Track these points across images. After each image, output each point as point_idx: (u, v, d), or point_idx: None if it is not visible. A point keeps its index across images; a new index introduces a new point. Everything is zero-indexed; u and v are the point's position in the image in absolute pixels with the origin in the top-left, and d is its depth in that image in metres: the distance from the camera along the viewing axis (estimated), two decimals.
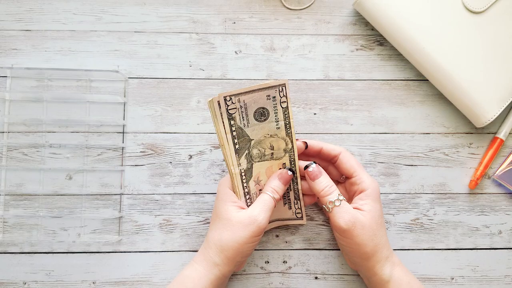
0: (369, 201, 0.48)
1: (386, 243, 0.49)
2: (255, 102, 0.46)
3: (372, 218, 0.48)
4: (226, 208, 0.48)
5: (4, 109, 0.56)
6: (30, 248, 0.55)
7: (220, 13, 0.58)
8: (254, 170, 0.49)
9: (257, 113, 0.47)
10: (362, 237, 0.47)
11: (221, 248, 0.47)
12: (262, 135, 0.48)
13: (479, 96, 0.54)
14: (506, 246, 0.56)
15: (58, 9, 0.57)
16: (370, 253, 0.48)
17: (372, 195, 0.49)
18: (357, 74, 0.58)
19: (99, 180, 0.56)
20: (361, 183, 0.49)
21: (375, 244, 0.47)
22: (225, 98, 0.45)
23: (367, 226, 0.47)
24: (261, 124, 0.47)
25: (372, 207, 0.48)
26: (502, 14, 0.54)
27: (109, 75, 0.57)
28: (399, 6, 0.54)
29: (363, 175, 0.50)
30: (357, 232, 0.47)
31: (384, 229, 0.49)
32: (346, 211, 0.47)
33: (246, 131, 0.47)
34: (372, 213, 0.48)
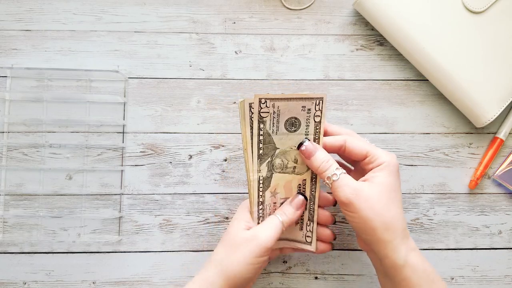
0: (382, 174, 0.44)
1: (400, 222, 0.43)
2: (289, 111, 0.44)
3: (381, 191, 0.43)
4: (236, 228, 0.46)
5: (4, 109, 0.56)
6: (30, 248, 0.55)
7: (220, 13, 0.58)
8: (273, 181, 0.47)
9: (288, 122, 0.45)
10: (367, 210, 0.42)
11: (221, 267, 0.45)
12: (288, 146, 0.46)
13: (479, 96, 0.54)
14: (506, 246, 0.56)
15: (58, 9, 0.57)
16: (379, 230, 0.43)
17: (386, 168, 0.44)
18: (357, 74, 0.58)
19: (99, 180, 0.56)
20: (376, 159, 0.45)
21: (385, 221, 0.43)
22: (260, 100, 0.43)
23: (374, 198, 0.43)
24: (290, 135, 0.46)
25: (384, 180, 0.44)
26: (502, 14, 0.54)
27: (109, 75, 0.57)
28: (399, 6, 0.54)
29: (377, 151, 0.45)
30: (360, 205, 0.43)
31: (399, 206, 0.44)
32: (346, 184, 0.44)
33: (273, 138, 0.45)
34: (383, 186, 0.43)
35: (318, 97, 0.45)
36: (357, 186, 0.43)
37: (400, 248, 0.43)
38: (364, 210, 0.43)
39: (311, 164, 0.46)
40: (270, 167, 0.47)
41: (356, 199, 0.43)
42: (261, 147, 0.45)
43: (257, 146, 0.45)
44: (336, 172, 0.44)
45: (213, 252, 0.47)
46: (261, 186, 0.47)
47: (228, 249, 0.45)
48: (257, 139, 0.45)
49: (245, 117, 0.44)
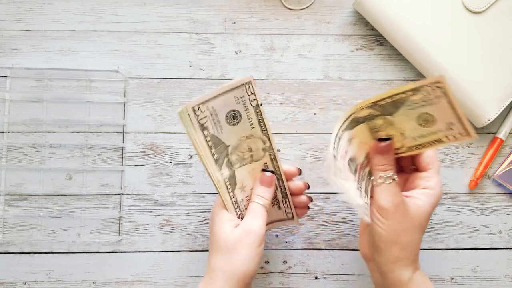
0: (426, 199, 0.44)
1: (418, 247, 0.45)
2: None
3: (419, 214, 0.44)
4: (225, 230, 0.45)
5: (4, 109, 0.56)
6: (30, 248, 0.55)
7: (220, 13, 0.58)
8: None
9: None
10: (400, 225, 0.43)
11: (228, 273, 0.44)
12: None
13: (479, 96, 0.54)
14: (506, 246, 0.56)
15: (58, 9, 0.57)
16: (398, 246, 0.44)
17: (432, 197, 0.44)
18: (357, 74, 0.58)
19: (99, 180, 0.56)
20: (429, 181, 0.45)
21: (408, 240, 0.44)
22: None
23: (410, 218, 0.43)
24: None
25: (425, 207, 0.44)
26: (502, 14, 0.54)
27: (109, 75, 0.57)
28: (399, 6, 0.54)
29: (437, 176, 0.45)
30: (396, 218, 0.43)
31: (422, 234, 0.45)
32: (395, 192, 0.44)
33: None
34: (422, 211, 0.44)
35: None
36: (402, 199, 0.44)
37: (408, 267, 0.44)
38: (396, 223, 0.43)
39: (375, 159, 0.45)
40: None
41: (396, 209, 0.43)
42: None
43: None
44: (394, 177, 0.45)
45: (211, 262, 0.46)
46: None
47: (227, 254, 0.45)
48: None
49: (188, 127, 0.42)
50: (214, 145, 0.44)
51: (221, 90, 0.42)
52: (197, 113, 0.42)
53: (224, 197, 0.46)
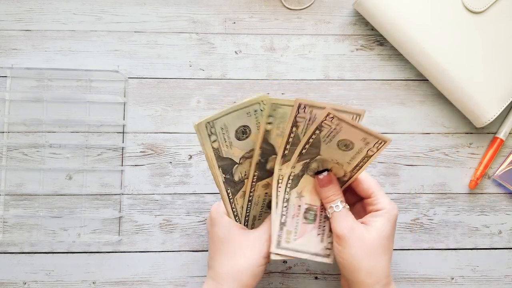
0: (380, 220, 0.45)
1: (385, 269, 0.45)
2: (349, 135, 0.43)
3: (376, 236, 0.44)
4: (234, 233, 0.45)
5: (4, 109, 0.56)
6: (30, 248, 0.55)
7: (220, 13, 0.58)
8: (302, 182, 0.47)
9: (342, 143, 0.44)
10: (357, 249, 0.43)
11: (237, 277, 0.44)
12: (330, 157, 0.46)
13: (479, 96, 0.54)
14: (506, 246, 0.56)
15: (58, 9, 0.57)
16: (363, 272, 0.44)
17: (385, 216, 0.45)
18: (357, 74, 0.58)
19: (99, 180, 0.56)
20: (377, 204, 0.46)
21: (372, 265, 0.44)
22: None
23: (367, 241, 0.44)
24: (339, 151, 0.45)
25: (380, 226, 0.44)
26: (502, 14, 0.54)
27: (109, 75, 0.57)
28: (399, 6, 0.54)
29: (382, 196, 0.46)
30: (352, 243, 0.44)
31: (388, 255, 0.45)
32: (345, 218, 0.45)
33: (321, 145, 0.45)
34: (378, 232, 0.44)
35: (382, 140, 0.43)
36: (354, 224, 0.45)
37: None
38: (354, 248, 0.44)
39: (321, 193, 0.46)
40: (305, 167, 0.46)
41: (349, 235, 0.44)
42: (306, 147, 0.44)
43: (303, 146, 0.44)
44: (339, 204, 0.45)
45: (216, 266, 0.46)
46: (290, 183, 0.46)
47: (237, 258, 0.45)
48: (308, 137, 0.44)
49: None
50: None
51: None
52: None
53: (227, 207, 0.46)
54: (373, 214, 0.46)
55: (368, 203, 0.47)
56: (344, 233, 0.44)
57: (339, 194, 0.46)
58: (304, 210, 0.47)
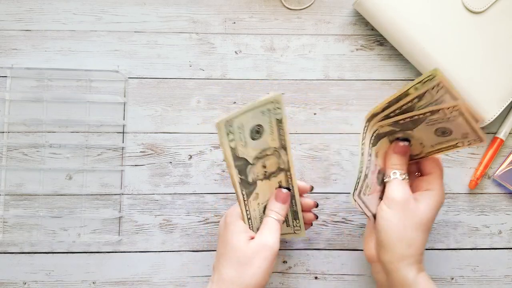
0: (432, 200, 0.46)
1: (423, 246, 0.46)
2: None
3: (425, 212, 0.45)
4: (240, 240, 0.45)
5: (4, 109, 0.56)
6: (30, 248, 0.55)
7: (220, 13, 0.58)
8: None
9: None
10: (407, 218, 0.45)
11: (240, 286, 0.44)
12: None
13: (479, 96, 0.54)
14: (506, 246, 0.56)
15: (58, 9, 0.57)
16: (405, 242, 0.45)
17: (434, 197, 0.46)
18: (357, 74, 0.58)
19: (99, 180, 0.56)
20: (431, 184, 0.47)
21: (414, 238, 0.45)
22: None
23: (417, 214, 0.45)
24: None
25: (430, 207, 0.46)
26: (502, 14, 0.54)
27: (109, 75, 0.57)
28: (399, 6, 0.54)
29: (440, 179, 0.47)
30: (404, 210, 0.45)
31: (427, 235, 0.46)
32: (404, 186, 0.46)
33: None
34: (427, 210, 0.45)
35: (481, 139, 0.44)
36: (410, 196, 0.46)
37: (413, 266, 0.45)
38: (403, 216, 0.45)
39: (391, 158, 0.48)
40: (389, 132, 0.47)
41: (404, 203, 0.45)
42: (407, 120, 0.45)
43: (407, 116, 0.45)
44: (401, 174, 0.47)
45: (221, 272, 0.45)
46: (373, 140, 0.47)
47: (241, 266, 0.45)
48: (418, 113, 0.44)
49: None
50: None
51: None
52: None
53: (242, 208, 0.46)
54: (423, 193, 0.47)
55: (424, 179, 0.48)
56: (400, 200, 0.45)
57: (405, 167, 0.48)
58: (378, 170, 0.48)
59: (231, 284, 0.44)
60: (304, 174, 0.57)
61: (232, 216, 0.47)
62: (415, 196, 0.47)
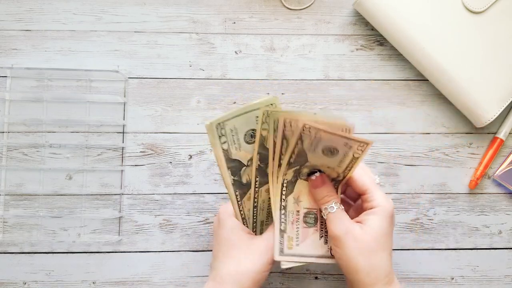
0: (375, 218, 0.44)
1: (385, 267, 0.44)
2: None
3: (371, 235, 0.43)
4: (240, 237, 0.45)
5: (4, 109, 0.56)
6: (30, 248, 0.55)
7: (220, 13, 0.58)
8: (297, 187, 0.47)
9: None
10: (354, 250, 0.43)
11: (239, 281, 0.44)
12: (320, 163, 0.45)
13: (479, 96, 0.54)
14: (506, 246, 0.56)
15: (58, 9, 0.57)
16: (362, 272, 0.43)
17: (380, 213, 0.44)
18: (357, 74, 0.58)
19: (99, 180, 0.56)
20: (372, 201, 0.45)
21: (370, 264, 0.43)
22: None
23: (362, 240, 0.43)
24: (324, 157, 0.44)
25: (376, 225, 0.44)
26: (502, 14, 0.54)
27: (109, 75, 0.57)
28: (399, 6, 0.54)
29: (376, 193, 0.46)
30: (348, 243, 0.43)
31: (386, 253, 0.44)
32: (340, 219, 0.44)
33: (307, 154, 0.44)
34: (374, 230, 0.44)
35: (363, 142, 0.42)
36: (349, 225, 0.44)
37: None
38: (350, 249, 0.43)
39: (314, 194, 0.46)
40: (297, 173, 0.46)
41: (345, 236, 0.43)
42: (293, 157, 0.44)
43: (289, 155, 0.44)
44: (333, 205, 0.45)
45: (221, 267, 0.45)
46: (285, 190, 0.46)
47: (241, 262, 0.45)
48: (292, 148, 0.43)
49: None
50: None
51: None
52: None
53: (235, 208, 0.47)
54: (368, 212, 0.45)
55: (364, 199, 0.46)
56: (340, 234, 0.44)
57: (333, 194, 0.46)
58: (303, 215, 0.47)
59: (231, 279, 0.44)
60: None
61: (226, 213, 0.47)
62: (360, 219, 0.45)
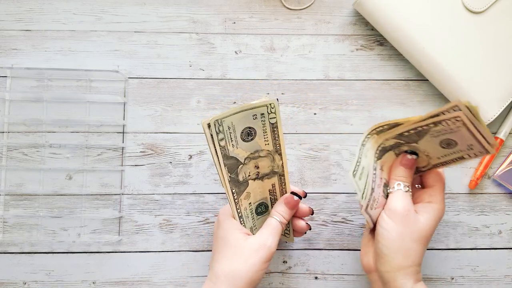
0: (431, 213, 0.46)
1: (420, 260, 0.46)
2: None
3: (424, 225, 0.45)
4: (235, 237, 0.46)
5: (4, 109, 0.56)
6: (30, 248, 0.55)
7: (220, 13, 0.58)
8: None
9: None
10: (407, 230, 0.45)
11: (233, 280, 0.45)
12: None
13: (479, 96, 0.54)
14: (506, 246, 0.56)
15: (58, 9, 0.57)
16: (402, 253, 0.45)
17: (436, 211, 0.46)
18: (357, 74, 0.58)
19: (99, 180, 0.56)
20: (432, 196, 0.47)
21: (412, 248, 0.45)
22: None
23: (418, 226, 0.45)
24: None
25: (429, 219, 0.46)
26: (502, 14, 0.54)
27: (109, 75, 0.57)
28: (399, 6, 0.54)
29: (441, 192, 0.48)
30: (405, 222, 0.45)
31: (425, 248, 0.46)
32: (407, 198, 0.46)
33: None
34: (428, 222, 0.46)
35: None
36: (411, 208, 0.46)
37: (410, 277, 0.45)
38: (403, 228, 0.45)
39: (397, 170, 0.48)
40: (394, 145, 0.47)
41: (406, 214, 0.45)
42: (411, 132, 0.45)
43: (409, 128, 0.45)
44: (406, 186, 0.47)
45: (217, 266, 0.46)
46: (377, 154, 0.47)
47: (235, 261, 0.45)
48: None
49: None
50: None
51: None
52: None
53: (232, 206, 0.47)
54: (426, 205, 0.47)
55: (426, 192, 0.48)
56: (401, 211, 0.45)
57: (410, 179, 0.48)
58: (383, 183, 0.48)
59: (225, 278, 0.45)
60: (304, 174, 0.57)
61: (224, 214, 0.48)
62: (416, 208, 0.47)
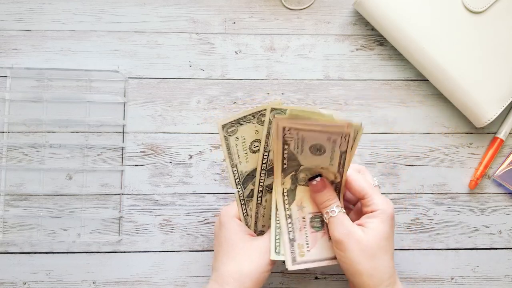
0: (375, 221, 0.45)
1: (387, 269, 0.44)
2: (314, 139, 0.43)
3: (373, 237, 0.44)
4: (241, 238, 0.46)
5: (4, 109, 0.56)
6: (30, 248, 0.55)
7: (220, 13, 0.58)
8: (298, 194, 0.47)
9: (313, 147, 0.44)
10: (356, 253, 0.43)
11: (240, 280, 0.44)
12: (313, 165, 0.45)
13: (479, 96, 0.54)
14: (506, 246, 0.56)
15: (58, 9, 0.57)
16: (365, 274, 0.44)
17: (380, 216, 0.45)
18: (357, 74, 0.58)
19: (99, 180, 0.56)
20: (371, 205, 0.46)
21: (373, 267, 0.44)
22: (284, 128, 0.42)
23: (364, 243, 0.44)
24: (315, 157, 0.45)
25: (376, 227, 0.44)
26: (502, 14, 0.54)
27: (109, 75, 0.57)
28: (399, 6, 0.54)
29: (375, 196, 0.46)
30: (350, 246, 0.44)
31: (388, 256, 0.45)
32: (342, 222, 0.45)
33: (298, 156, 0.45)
34: (375, 233, 0.44)
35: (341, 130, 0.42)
36: (351, 228, 0.44)
37: None
38: (353, 252, 0.44)
39: (315, 198, 0.46)
40: (294, 179, 0.46)
41: (347, 239, 0.44)
42: (285, 162, 0.45)
43: (281, 161, 0.44)
44: (335, 209, 0.45)
45: (223, 267, 0.46)
46: (286, 199, 0.46)
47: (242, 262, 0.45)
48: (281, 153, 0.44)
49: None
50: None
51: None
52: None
53: (239, 207, 0.47)
54: (368, 215, 0.46)
55: (363, 204, 0.47)
56: (342, 238, 0.44)
57: (334, 198, 0.46)
58: (309, 220, 0.47)
59: (233, 279, 0.45)
60: None
61: (227, 215, 0.48)
62: (361, 222, 0.45)
